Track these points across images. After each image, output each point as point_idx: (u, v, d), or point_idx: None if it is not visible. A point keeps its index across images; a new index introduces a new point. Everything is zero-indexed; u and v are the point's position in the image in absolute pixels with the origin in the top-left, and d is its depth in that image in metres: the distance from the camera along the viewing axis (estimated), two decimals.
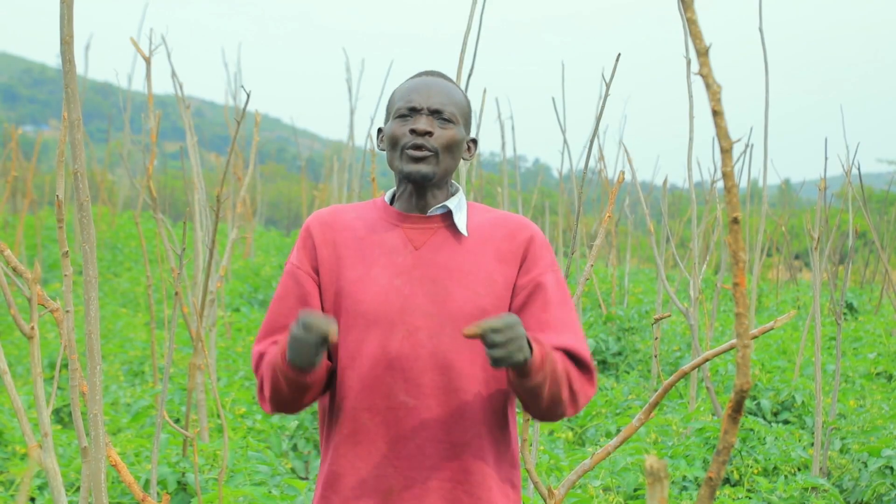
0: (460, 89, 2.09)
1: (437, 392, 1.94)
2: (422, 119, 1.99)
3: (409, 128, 1.99)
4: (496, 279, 1.97)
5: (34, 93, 74.56)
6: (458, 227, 2.00)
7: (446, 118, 2.00)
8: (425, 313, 1.94)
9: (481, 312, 1.95)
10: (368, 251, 2.00)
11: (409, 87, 2.03)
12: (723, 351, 2.18)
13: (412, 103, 2.00)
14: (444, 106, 2.00)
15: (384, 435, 1.95)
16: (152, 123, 4.53)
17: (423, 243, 2.00)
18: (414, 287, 1.96)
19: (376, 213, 2.06)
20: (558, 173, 10.25)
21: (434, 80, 2.04)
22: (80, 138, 2.09)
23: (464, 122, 2.05)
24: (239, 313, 9.59)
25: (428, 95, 2.00)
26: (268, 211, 24.39)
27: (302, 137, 42.50)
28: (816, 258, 5.18)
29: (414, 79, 2.06)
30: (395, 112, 2.02)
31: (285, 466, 4.86)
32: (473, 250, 1.99)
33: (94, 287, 2.14)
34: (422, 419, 1.94)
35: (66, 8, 2.03)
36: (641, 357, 7.91)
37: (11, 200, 14.68)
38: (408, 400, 1.94)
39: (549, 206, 11.26)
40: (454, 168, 2.04)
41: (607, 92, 3.27)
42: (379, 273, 1.97)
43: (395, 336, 1.94)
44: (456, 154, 2.02)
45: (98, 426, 2.17)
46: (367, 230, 2.03)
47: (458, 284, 1.96)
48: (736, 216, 1.14)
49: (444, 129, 1.99)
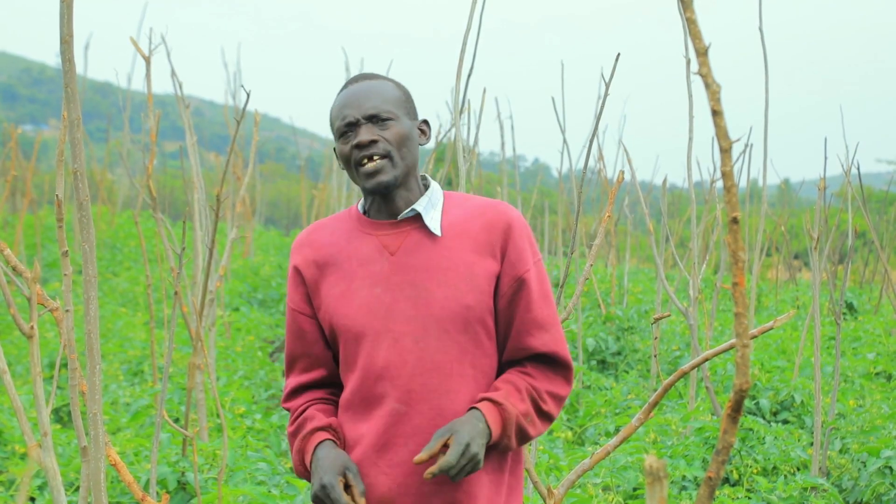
0: (390, 80, 2.06)
1: (429, 396, 1.94)
2: (361, 130, 1.97)
3: (352, 143, 1.97)
4: (476, 272, 1.96)
5: (34, 92, 74.55)
6: (430, 229, 1.99)
7: (384, 118, 1.97)
8: (408, 318, 1.94)
9: (465, 310, 1.94)
10: (346, 265, 2.01)
11: (341, 104, 2.01)
12: (722, 351, 2.18)
13: (347, 119, 1.98)
14: (378, 108, 1.98)
15: (375, 443, 1.96)
16: (152, 123, 4.53)
17: (398, 248, 1.98)
18: (394, 293, 1.95)
19: (350, 224, 2.06)
20: (558, 173, 10.25)
21: (360, 86, 2.01)
22: (79, 138, 2.09)
23: (405, 111, 2.02)
24: (238, 313, 9.59)
25: (358, 105, 1.98)
26: (267, 210, 24.40)
27: (301, 137, 42.51)
28: (816, 258, 5.19)
29: (342, 92, 2.04)
30: (336, 133, 2.01)
31: (285, 466, 4.86)
32: (450, 247, 1.98)
33: (93, 286, 2.14)
34: (414, 425, 1.94)
35: (65, 7, 2.03)
36: (641, 357, 7.91)
37: (11, 200, 14.67)
38: (399, 407, 1.94)
39: (548, 205, 11.26)
40: (415, 160, 2.02)
41: (607, 92, 3.26)
42: (359, 285, 1.98)
43: (382, 345, 1.94)
44: (410, 146, 2.00)
45: (97, 425, 2.17)
46: (344, 243, 2.03)
47: (438, 284, 1.95)
48: (735, 216, 1.14)
49: (387, 131, 1.97)
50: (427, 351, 1.93)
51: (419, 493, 1.94)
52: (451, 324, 1.94)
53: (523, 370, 2.00)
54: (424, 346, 1.94)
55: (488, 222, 1.99)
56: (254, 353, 7.61)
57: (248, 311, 9.72)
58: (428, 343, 1.94)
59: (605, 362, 7.98)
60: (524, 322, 1.98)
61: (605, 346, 7.95)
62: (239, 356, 7.28)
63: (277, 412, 5.81)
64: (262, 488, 3.73)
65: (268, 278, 11.65)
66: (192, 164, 5.34)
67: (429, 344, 1.94)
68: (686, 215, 10.94)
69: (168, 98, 31.01)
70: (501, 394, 1.94)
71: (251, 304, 10.52)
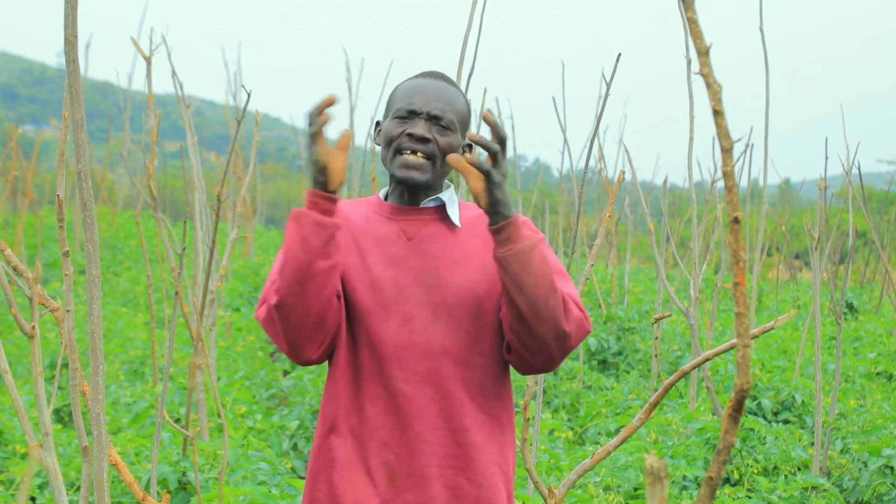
0: (462, 94, 2.08)
1: (435, 379, 1.95)
2: (420, 124, 1.97)
3: (406, 131, 1.97)
4: (489, 264, 1.98)
5: (34, 92, 74.54)
6: (452, 219, 2.02)
7: (445, 125, 1.98)
8: (420, 302, 1.95)
9: (476, 300, 1.96)
10: (361, 239, 2.01)
11: (412, 89, 2.01)
12: (723, 350, 2.18)
13: (412, 106, 1.98)
14: (444, 112, 1.98)
15: (384, 423, 1.96)
16: (152, 123, 4.53)
17: (416, 234, 2.01)
18: (408, 276, 1.97)
19: (370, 209, 2.08)
20: (558, 173, 10.25)
21: (437, 84, 2.02)
22: (83, 138, 2.09)
23: (461, 129, 2.03)
24: (239, 313, 9.59)
25: (429, 100, 1.98)
26: (268, 210, 24.40)
27: (302, 137, 42.45)
28: (816, 258, 5.19)
29: (417, 79, 2.04)
30: (394, 111, 2.00)
31: (286, 466, 4.86)
32: (465, 240, 2.01)
33: (97, 286, 2.14)
34: (420, 406, 1.95)
35: (70, 8, 2.03)
36: (641, 357, 7.90)
37: (11, 200, 14.68)
38: (405, 388, 1.95)
39: (549, 205, 11.26)
40: (447, 174, 2.04)
41: (607, 91, 3.26)
42: (372, 262, 1.99)
43: (391, 325, 1.95)
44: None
45: (101, 425, 2.17)
46: (362, 221, 2.05)
47: (451, 273, 1.97)
48: (736, 216, 1.14)
49: (441, 136, 1.98)
50: (437, 335, 1.95)
51: (426, 473, 1.95)
52: (463, 312, 1.95)
53: None
54: (434, 330, 1.95)
55: None
56: (255, 354, 7.61)
57: (249, 312, 9.72)
58: (438, 328, 1.95)
59: (606, 362, 7.98)
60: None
61: (606, 345, 7.95)
62: (240, 356, 7.28)
63: (278, 412, 5.81)
64: (262, 488, 3.73)
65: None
66: (193, 164, 5.34)
67: (438, 328, 1.95)
68: (687, 215, 10.93)
69: (169, 98, 31.00)
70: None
71: (252, 305, 10.52)
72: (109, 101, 37.34)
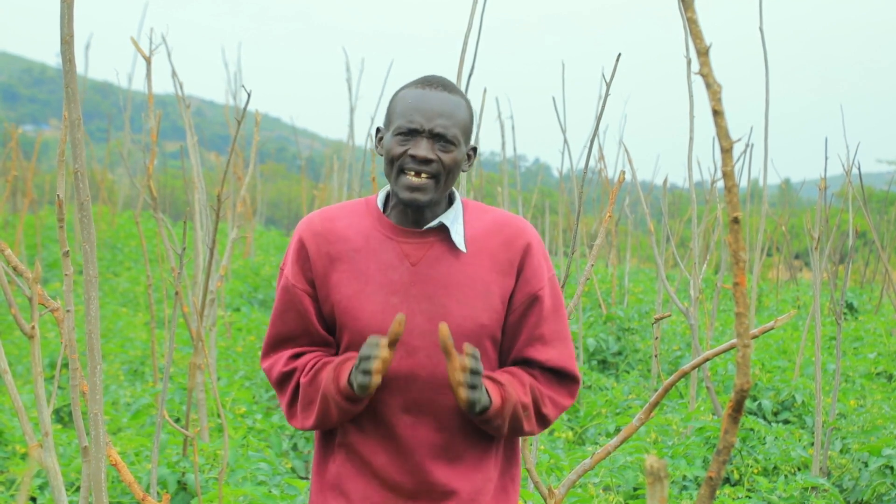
0: (464, 97, 1.99)
1: (437, 410, 1.95)
2: (422, 143, 1.91)
3: (409, 152, 1.91)
4: (492, 291, 1.95)
5: (34, 92, 74.49)
6: (456, 244, 1.95)
7: (448, 141, 1.92)
8: (423, 332, 1.92)
9: (479, 328, 1.94)
10: (363, 265, 1.95)
11: (412, 103, 1.92)
12: (723, 351, 2.18)
13: (413, 124, 1.91)
14: (447, 129, 1.91)
15: (384, 451, 1.96)
16: (152, 123, 4.53)
17: (420, 259, 1.95)
18: (411, 305, 1.92)
19: (370, 223, 1.99)
20: (558, 173, 10.25)
21: (437, 96, 1.93)
22: (80, 138, 2.09)
23: (466, 138, 1.97)
24: (239, 313, 9.59)
25: (430, 116, 1.91)
26: (268, 210, 24.39)
27: (302, 137, 42.46)
28: (816, 258, 5.18)
29: (416, 89, 1.95)
30: (395, 127, 1.93)
31: (286, 466, 4.86)
32: (470, 263, 1.95)
33: (94, 286, 2.14)
34: (421, 436, 1.95)
35: (66, 7, 2.03)
36: (641, 357, 7.90)
37: (11, 200, 14.68)
38: (407, 417, 1.95)
39: (549, 205, 11.25)
40: (452, 185, 1.99)
41: (607, 91, 3.26)
42: (375, 290, 1.94)
43: (394, 356, 1.91)
44: (456, 172, 1.96)
45: (98, 426, 2.17)
46: (362, 241, 1.97)
47: (455, 301, 1.93)
48: (736, 216, 1.14)
49: (445, 154, 1.92)
50: (439, 367, 1.93)
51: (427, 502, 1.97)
52: (465, 341, 1.93)
53: (530, 371, 2.00)
54: (437, 362, 1.93)
55: (507, 240, 1.98)
56: (254, 354, 7.60)
57: (249, 312, 9.72)
58: (441, 360, 1.93)
59: (606, 362, 7.98)
60: (532, 337, 1.98)
61: (606, 346, 7.95)
62: (240, 356, 7.28)
63: (278, 412, 5.81)
64: (262, 488, 3.73)
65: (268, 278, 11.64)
66: (193, 164, 5.33)
67: (442, 360, 1.93)
68: (687, 215, 10.94)
69: (169, 98, 31.00)
70: (505, 378, 1.94)
71: (252, 305, 10.52)
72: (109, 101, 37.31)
